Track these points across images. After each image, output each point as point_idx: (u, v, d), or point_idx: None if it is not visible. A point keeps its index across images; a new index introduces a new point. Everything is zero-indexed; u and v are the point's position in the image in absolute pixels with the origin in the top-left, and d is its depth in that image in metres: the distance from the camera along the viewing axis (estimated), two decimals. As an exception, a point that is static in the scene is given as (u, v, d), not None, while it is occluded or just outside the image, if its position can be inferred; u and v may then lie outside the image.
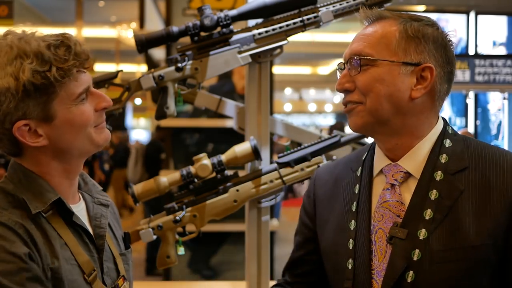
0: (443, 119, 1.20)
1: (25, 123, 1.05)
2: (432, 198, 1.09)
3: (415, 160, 1.14)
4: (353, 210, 1.20)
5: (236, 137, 1.97)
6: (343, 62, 1.18)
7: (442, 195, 1.09)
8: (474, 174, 1.09)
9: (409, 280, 1.06)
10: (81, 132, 1.10)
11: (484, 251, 1.03)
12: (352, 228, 1.18)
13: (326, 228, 1.26)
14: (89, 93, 1.13)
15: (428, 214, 1.08)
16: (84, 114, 1.10)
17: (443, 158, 1.12)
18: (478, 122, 7.15)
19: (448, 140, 1.14)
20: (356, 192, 1.21)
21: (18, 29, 1.10)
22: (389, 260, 1.09)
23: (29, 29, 1.10)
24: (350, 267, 1.16)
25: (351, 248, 1.17)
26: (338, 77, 1.19)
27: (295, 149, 1.82)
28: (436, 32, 1.14)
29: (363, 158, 1.26)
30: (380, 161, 1.20)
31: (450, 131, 1.17)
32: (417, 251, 1.06)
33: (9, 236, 1.00)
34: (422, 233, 1.07)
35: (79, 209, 1.18)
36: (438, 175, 1.11)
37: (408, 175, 1.15)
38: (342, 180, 1.27)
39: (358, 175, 1.24)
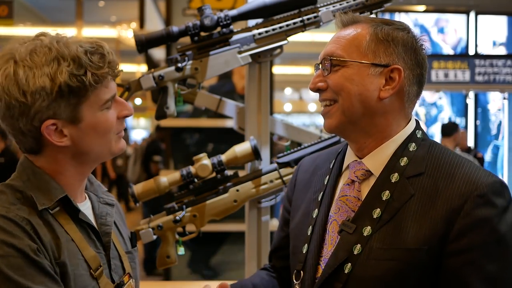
0: (416, 121, 1.24)
1: (53, 122, 1.09)
2: (384, 198, 1.13)
3: (377, 159, 1.18)
4: (318, 200, 1.26)
5: (236, 137, 1.96)
6: (318, 63, 1.23)
7: (393, 196, 1.12)
8: (427, 180, 1.12)
9: (346, 271, 1.11)
10: (103, 138, 1.15)
11: (418, 255, 1.06)
12: (314, 216, 1.25)
13: (297, 213, 1.33)
14: (114, 101, 1.17)
15: (376, 213, 1.12)
16: (108, 121, 1.15)
17: (403, 161, 1.16)
18: (478, 122, 7.16)
19: (413, 144, 1.18)
20: (325, 183, 1.27)
21: (52, 31, 1.14)
22: (333, 250, 1.15)
23: (63, 33, 1.14)
24: (304, 252, 1.23)
25: (308, 234, 1.24)
26: None
27: (295, 149, 1.82)
28: (406, 36, 1.18)
29: (338, 151, 1.31)
30: (349, 156, 1.25)
31: (418, 135, 1.20)
32: (358, 245, 1.12)
33: (17, 232, 1.03)
34: (367, 230, 1.12)
35: (85, 208, 1.21)
36: (394, 177, 1.14)
37: (370, 173, 1.19)
38: (319, 170, 1.33)
39: (331, 167, 1.29)
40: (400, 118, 1.19)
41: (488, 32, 6.90)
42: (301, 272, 1.21)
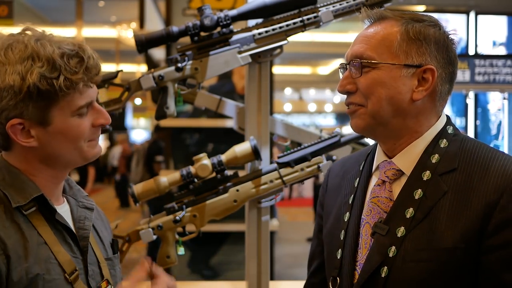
0: (447, 117, 1.19)
1: (20, 121, 1.06)
2: (416, 197, 1.10)
3: (408, 158, 1.15)
4: (349, 203, 1.23)
5: (236, 137, 1.96)
6: (345, 63, 1.18)
7: (426, 195, 1.09)
8: (460, 176, 1.08)
9: (383, 275, 1.08)
10: (72, 144, 1.11)
11: (456, 254, 1.03)
12: (345, 220, 1.21)
13: (329, 218, 1.29)
14: (91, 108, 1.13)
15: (409, 212, 1.09)
16: (80, 127, 1.10)
17: (434, 158, 1.12)
18: (478, 122, 7.15)
19: (444, 140, 1.14)
20: (355, 186, 1.24)
21: (39, 28, 1.10)
22: (367, 254, 1.12)
23: (49, 30, 1.10)
24: (338, 257, 1.19)
25: (341, 239, 1.20)
26: (341, 77, 1.19)
27: (295, 149, 1.82)
28: (438, 33, 1.13)
29: (368, 153, 1.28)
30: (379, 157, 1.21)
31: (449, 131, 1.16)
32: (393, 248, 1.08)
33: None
34: (401, 231, 1.08)
35: (63, 211, 1.17)
36: (426, 175, 1.11)
37: (401, 172, 1.15)
38: (349, 173, 1.30)
39: (361, 169, 1.26)
40: (431, 117, 1.16)
41: (488, 32, 6.89)
42: (337, 278, 1.18)
